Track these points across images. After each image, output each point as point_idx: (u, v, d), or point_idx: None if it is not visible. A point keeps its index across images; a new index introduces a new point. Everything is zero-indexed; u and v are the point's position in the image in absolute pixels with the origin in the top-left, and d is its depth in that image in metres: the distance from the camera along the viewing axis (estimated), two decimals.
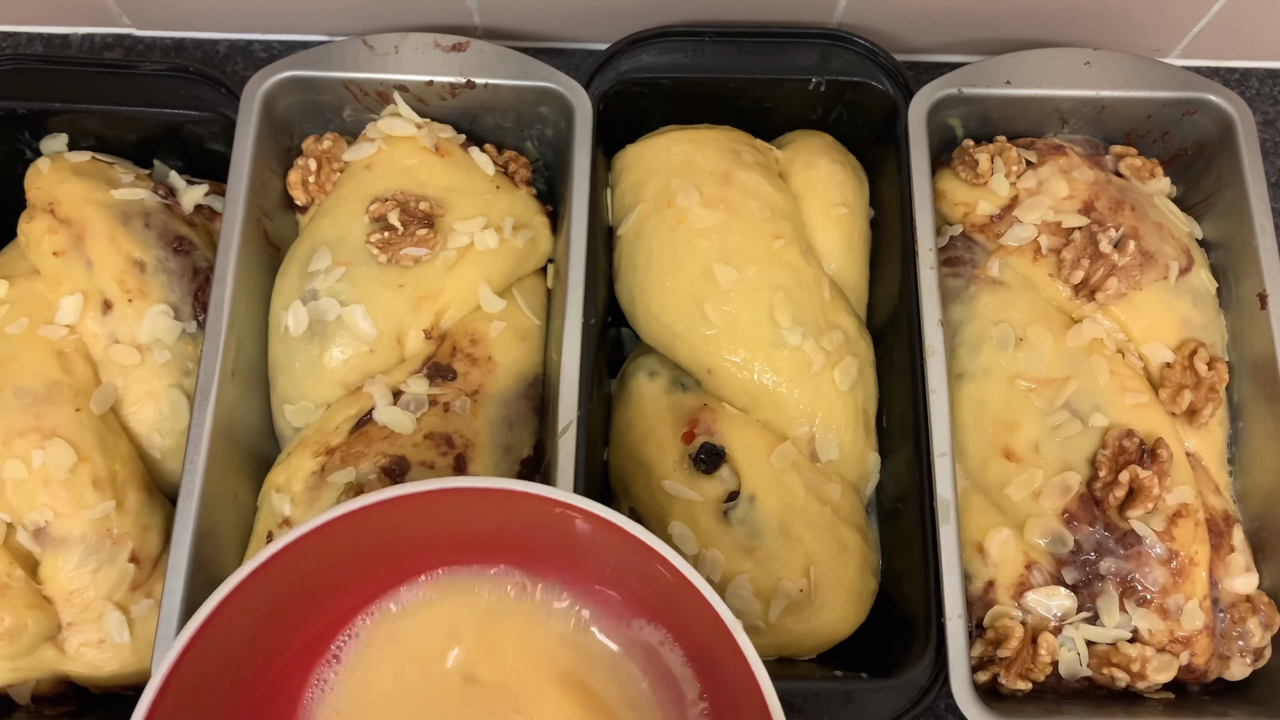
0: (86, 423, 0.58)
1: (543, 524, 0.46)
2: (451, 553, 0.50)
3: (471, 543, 0.49)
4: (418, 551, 0.49)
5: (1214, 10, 0.68)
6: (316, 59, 0.64)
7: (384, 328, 0.61)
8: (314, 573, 0.45)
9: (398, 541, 0.47)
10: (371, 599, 0.50)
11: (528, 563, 0.50)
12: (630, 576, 0.47)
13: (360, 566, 0.48)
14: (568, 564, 0.49)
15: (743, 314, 0.60)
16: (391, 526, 0.46)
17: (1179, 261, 0.63)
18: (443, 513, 0.46)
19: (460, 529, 0.48)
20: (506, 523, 0.47)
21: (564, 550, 0.48)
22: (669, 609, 0.47)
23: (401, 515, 0.45)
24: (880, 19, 0.69)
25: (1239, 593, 0.58)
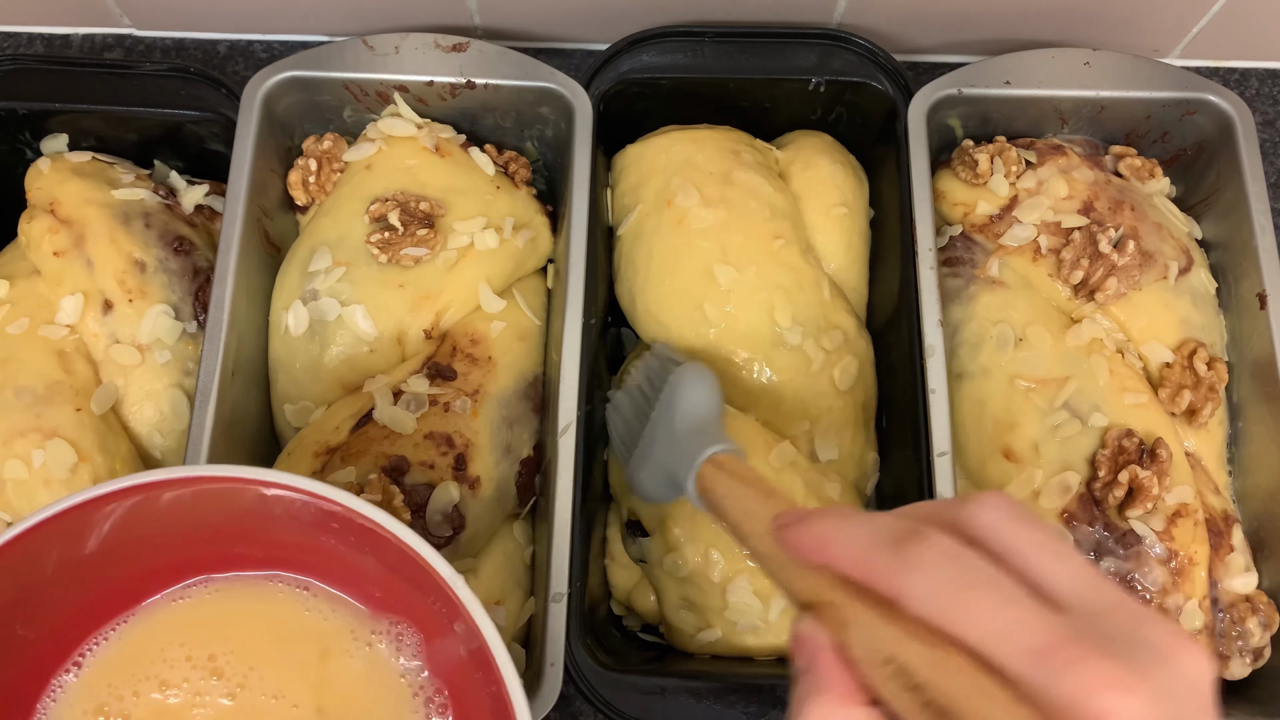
0: (87, 423, 0.58)
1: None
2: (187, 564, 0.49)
3: (213, 546, 0.48)
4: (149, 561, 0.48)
5: (1214, 10, 0.68)
6: (316, 59, 0.64)
7: (384, 328, 0.61)
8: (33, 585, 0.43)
9: (120, 552, 0.46)
10: (112, 612, 0.48)
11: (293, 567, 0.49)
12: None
13: (83, 583, 0.46)
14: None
15: (742, 314, 0.60)
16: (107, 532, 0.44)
17: (1178, 261, 0.63)
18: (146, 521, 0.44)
19: (179, 534, 0.46)
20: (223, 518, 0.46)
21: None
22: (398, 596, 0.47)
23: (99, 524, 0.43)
24: (880, 19, 0.69)
25: (1238, 593, 0.58)
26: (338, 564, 0.48)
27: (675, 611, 0.59)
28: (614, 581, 0.63)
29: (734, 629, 0.57)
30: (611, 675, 0.54)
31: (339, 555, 0.47)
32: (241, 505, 0.45)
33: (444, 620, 0.44)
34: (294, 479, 0.43)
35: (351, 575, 0.49)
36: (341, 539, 0.45)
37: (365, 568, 0.47)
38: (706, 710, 0.54)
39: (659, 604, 0.61)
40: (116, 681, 0.47)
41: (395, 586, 0.47)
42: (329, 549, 0.47)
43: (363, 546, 0.45)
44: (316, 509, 0.44)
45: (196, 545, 0.48)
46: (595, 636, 0.57)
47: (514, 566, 0.60)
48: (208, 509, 0.45)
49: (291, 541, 0.47)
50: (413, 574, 0.43)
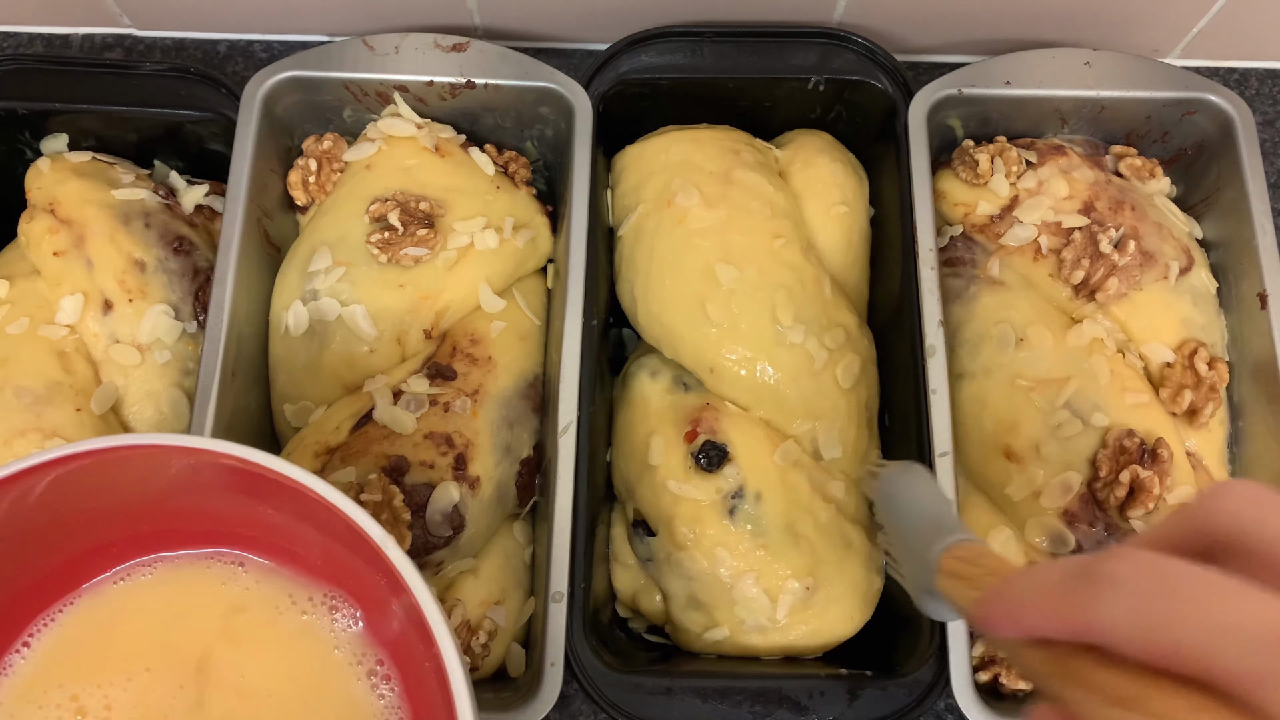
0: (87, 423, 0.58)
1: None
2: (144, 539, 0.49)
3: (162, 524, 0.48)
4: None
5: (1214, 10, 0.68)
6: (316, 59, 0.64)
7: (384, 328, 0.61)
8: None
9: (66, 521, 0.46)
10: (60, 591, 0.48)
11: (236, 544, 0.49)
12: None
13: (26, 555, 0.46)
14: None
15: (744, 313, 0.60)
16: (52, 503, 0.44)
17: (1179, 261, 0.63)
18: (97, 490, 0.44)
19: (132, 508, 0.46)
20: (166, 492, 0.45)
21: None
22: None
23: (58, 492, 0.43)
24: (880, 19, 0.69)
25: None
26: (277, 536, 0.48)
27: (682, 611, 0.59)
28: (618, 583, 0.63)
29: (741, 628, 0.57)
30: (617, 676, 0.54)
31: (278, 527, 0.46)
32: (172, 476, 0.44)
33: (383, 589, 0.44)
34: (217, 444, 0.42)
35: (291, 547, 0.48)
36: (278, 508, 0.45)
37: (305, 538, 0.46)
38: (713, 710, 0.54)
39: (665, 603, 0.61)
40: (63, 671, 0.47)
41: (336, 557, 0.46)
42: (267, 521, 0.46)
43: (300, 515, 0.44)
44: (249, 476, 0.43)
45: (136, 520, 0.48)
46: (600, 638, 0.57)
47: (514, 566, 0.60)
48: (138, 481, 0.45)
49: (230, 514, 0.47)
50: (351, 542, 0.43)
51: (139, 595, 0.49)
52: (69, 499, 0.44)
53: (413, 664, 0.45)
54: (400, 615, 0.43)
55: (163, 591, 0.49)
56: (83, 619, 0.48)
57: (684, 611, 0.59)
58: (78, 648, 0.47)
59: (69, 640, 0.48)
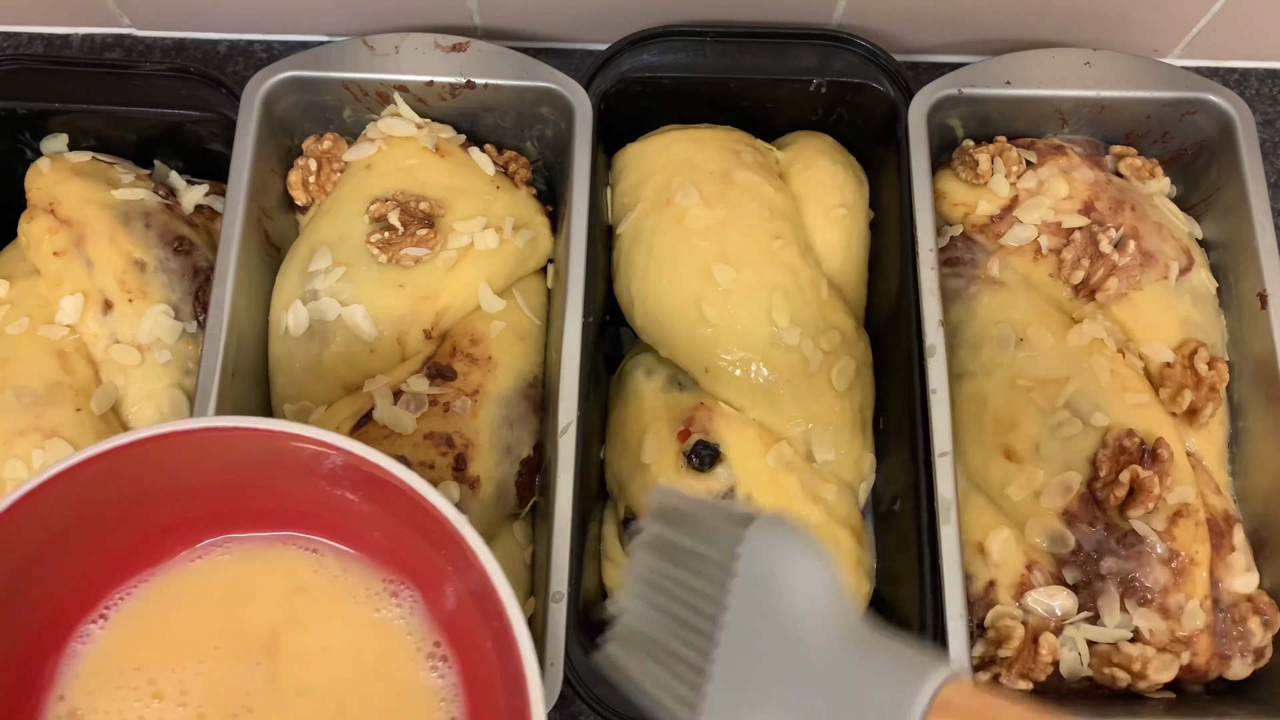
0: (87, 422, 0.58)
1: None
2: (226, 520, 0.50)
3: (236, 505, 0.49)
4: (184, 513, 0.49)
5: (1214, 10, 0.68)
6: (316, 59, 0.64)
7: (384, 328, 0.61)
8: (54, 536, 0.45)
9: (152, 501, 0.47)
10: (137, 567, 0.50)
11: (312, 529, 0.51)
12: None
13: (109, 529, 0.47)
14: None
15: (740, 313, 0.60)
16: (138, 479, 0.45)
17: (1179, 261, 0.63)
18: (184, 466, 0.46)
19: (210, 488, 0.48)
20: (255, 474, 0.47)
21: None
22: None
23: (143, 466, 0.44)
24: (880, 19, 0.70)
25: (1240, 592, 0.58)
26: (345, 517, 0.49)
27: None
28: (609, 581, 0.63)
29: None
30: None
31: (346, 507, 0.48)
32: (253, 458, 0.46)
33: (446, 568, 0.45)
34: (306, 429, 0.43)
35: (358, 528, 0.49)
36: (350, 490, 0.46)
37: (372, 519, 0.48)
38: None
39: None
40: (139, 648, 0.48)
41: (400, 537, 0.47)
42: (336, 502, 0.47)
43: (369, 496, 0.46)
44: (328, 460, 0.44)
45: (212, 500, 0.49)
46: (590, 635, 0.57)
47: (514, 566, 0.60)
48: (220, 461, 0.46)
49: (301, 496, 0.48)
50: (417, 521, 0.44)
51: (212, 573, 0.51)
52: (154, 476, 0.46)
53: (472, 644, 0.46)
54: (462, 594, 0.45)
55: (236, 570, 0.51)
56: (158, 594, 0.50)
57: None
58: (153, 623, 0.49)
59: (145, 615, 0.49)
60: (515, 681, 0.40)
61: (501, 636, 0.41)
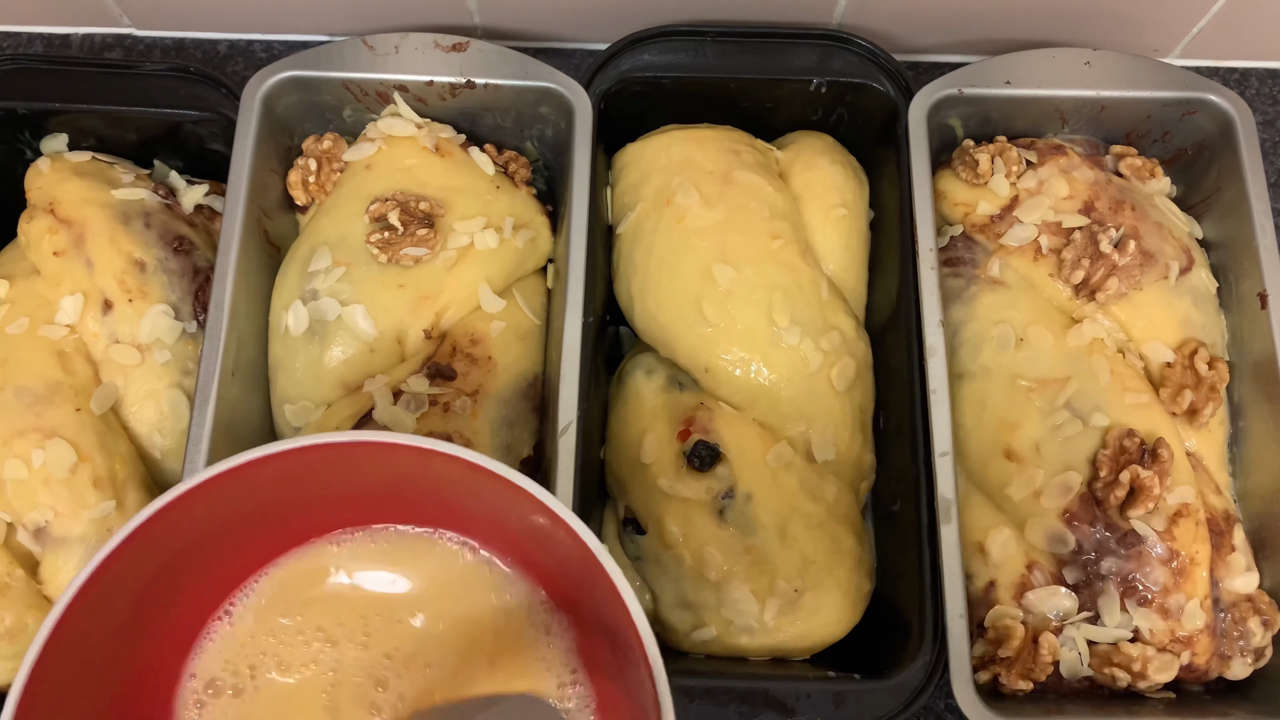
0: (87, 422, 0.58)
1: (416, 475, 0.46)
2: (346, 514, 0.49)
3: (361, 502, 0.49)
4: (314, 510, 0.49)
5: (1214, 10, 0.68)
6: (316, 59, 0.64)
7: (384, 328, 0.61)
8: (200, 536, 0.44)
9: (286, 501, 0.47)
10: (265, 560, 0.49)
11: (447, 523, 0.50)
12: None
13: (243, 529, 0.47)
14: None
15: (740, 313, 0.60)
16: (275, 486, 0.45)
17: (1179, 261, 0.63)
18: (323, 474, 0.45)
19: (333, 490, 0.47)
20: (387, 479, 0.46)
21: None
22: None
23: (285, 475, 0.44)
24: (880, 19, 0.70)
25: (1240, 592, 0.58)
26: (505, 534, 0.49)
27: (670, 610, 0.59)
28: None
29: (729, 628, 0.57)
30: None
31: (497, 523, 0.48)
32: (419, 471, 0.46)
33: (589, 600, 0.44)
34: (465, 453, 0.43)
35: (517, 547, 0.49)
36: (524, 517, 0.45)
37: (528, 538, 0.47)
38: (700, 710, 0.54)
39: (654, 602, 0.61)
40: (271, 615, 0.48)
41: (552, 567, 0.47)
42: (501, 521, 0.47)
43: (537, 530, 0.45)
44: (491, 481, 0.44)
45: (363, 502, 0.49)
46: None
47: None
48: (375, 471, 0.46)
49: (466, 508, 0.48)
50: (553, 545, 0.43)
51: (356, 550, 0.50)
52: (317, 476, 0.45)
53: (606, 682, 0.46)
54: (601, 624, 0.44)
55: (382, 550, 0.50)
56: (295, 569, 0.49)
57: (672, 611, 0.59)
58: (292, 590, 0.49)
59: (284, 587, 0.49)
60: None
61: (635, 677, 0.40)
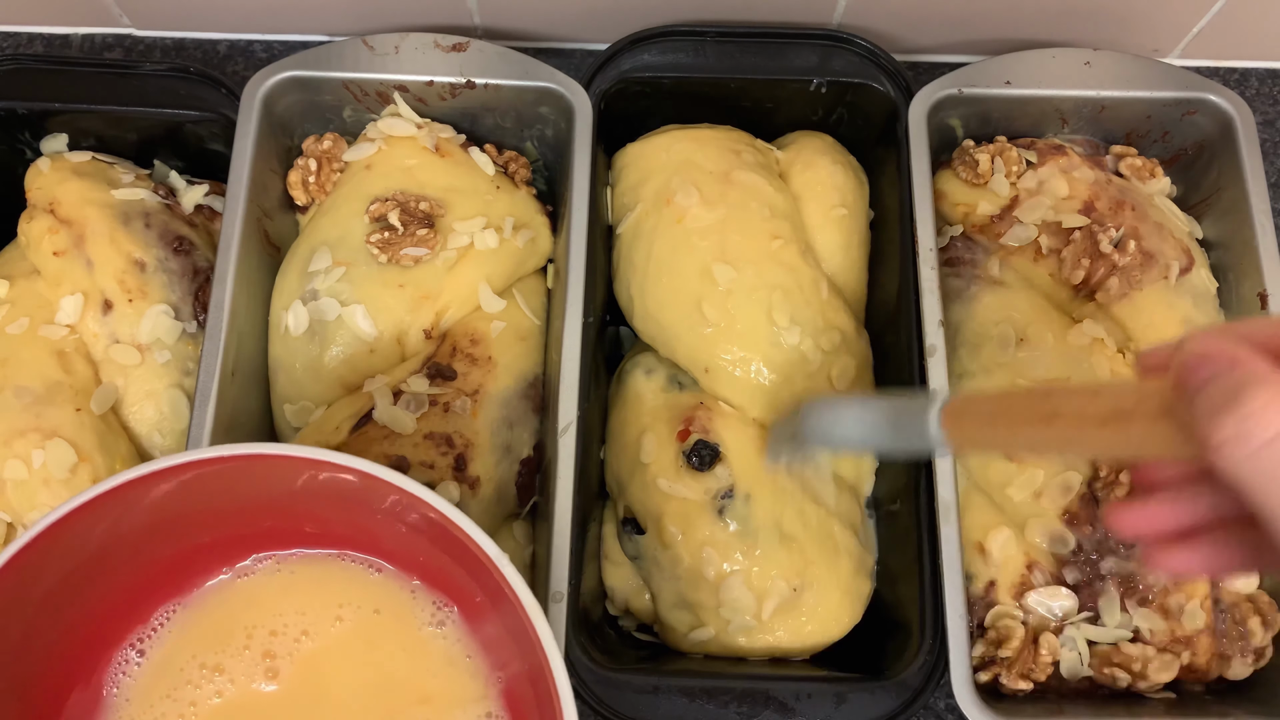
0: (87, 423, 0.58)
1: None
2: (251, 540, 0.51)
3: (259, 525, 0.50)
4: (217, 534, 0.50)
5: (1214, 10, 0.68)
6: (316, 59, 0.64)
7: (384, 328, 0.61)
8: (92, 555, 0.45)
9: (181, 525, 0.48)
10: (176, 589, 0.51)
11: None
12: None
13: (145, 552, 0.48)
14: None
15: (740, 313, 0.60)
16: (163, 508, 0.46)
17: (1179, 261, 0.63)
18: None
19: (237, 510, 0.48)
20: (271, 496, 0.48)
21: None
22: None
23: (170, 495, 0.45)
24: (880, 19, 0.69)
25: (1240, 592, 0.58)
26: (393, 544, 0.50)
27: (669, 610, 0.59)
28: (609, 581, 0.63)
29: (727, 628, 0.57)
30: (605, 674, 0.54)
31: (393, 534, 0.48)
32: (292, 484, 0.46)
33: (486, 599, 0.45)
34: (346, 459, 0.44)
35: (405, 555, 0.50)
36: (398, 519, 0.46)
37: (415, 547, 0.48)
38: (699, 710, 0.54)
39: (653, 602, 0.61)
40: (184, 660, 0.49)
41: (444, 566, 0.48)
42: (382, 529, 0.48)
43: (414, 527, 0.46)
44: (367, 490, 0.45)
45: (252, 522, 0.49)
46: (589, 635, 0.57)
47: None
48: (255, 487, 0.47)
49: (347, 520, 0.49)
50: (457, 553, 0.44)
51: (260, 587, 0.51)
52: (198, 497, 0.46)
53: (514, 669, 0.47)
54: (502, 624, 0.45)
55: (284, 583, 0.52)
56: (202, 611, 0.51)
57: (671, 610, 0.59)
58: (206, 627, 0.50)
59: (189, 631, 0.50)
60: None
61: (539, 672, 0.41)
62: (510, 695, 0.48)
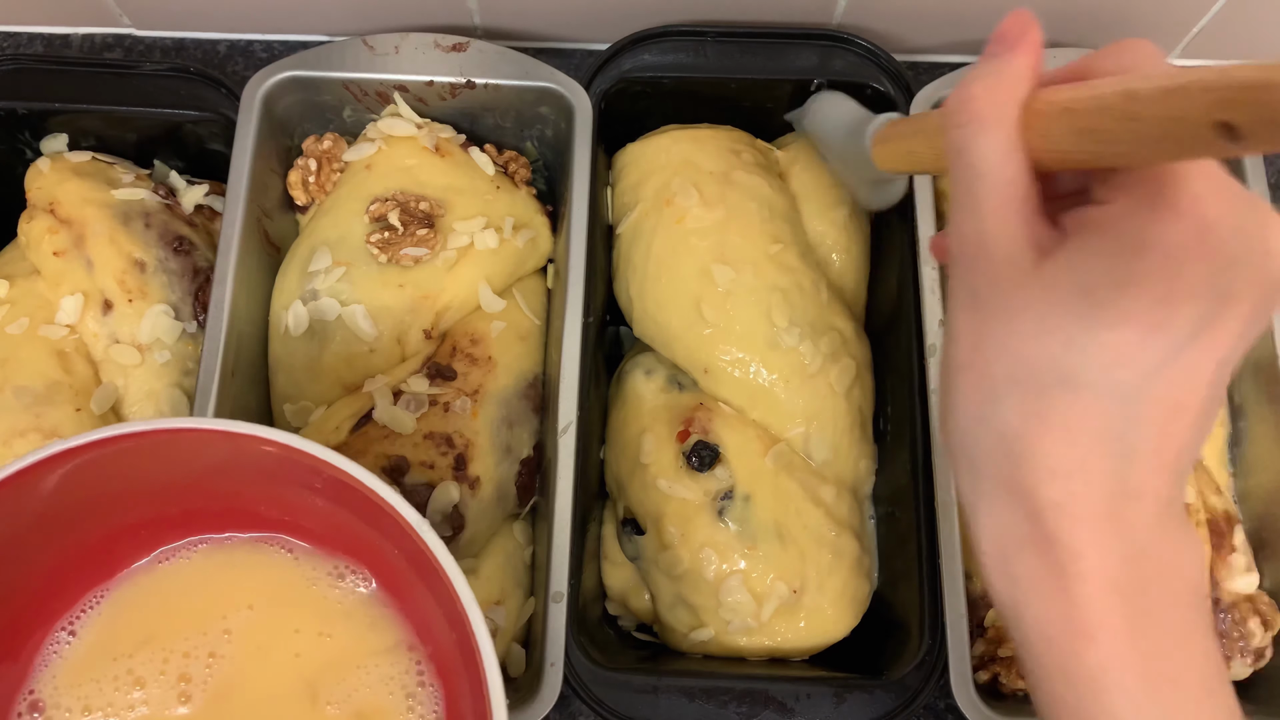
0: (87, 423, 0.58)
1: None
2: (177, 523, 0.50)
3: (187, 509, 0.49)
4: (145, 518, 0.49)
5: (1214, 10, 0.68)
6: (316, 59, 0.64)
7: (384, 328, 0.61)
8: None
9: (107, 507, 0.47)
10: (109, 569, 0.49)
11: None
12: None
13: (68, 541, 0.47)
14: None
15: (740, 314, 0.60)
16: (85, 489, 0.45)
17: None
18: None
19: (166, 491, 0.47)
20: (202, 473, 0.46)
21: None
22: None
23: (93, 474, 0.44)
24: (880, 19, 0.69)
25: (1240, 593, 0.58)
26: (314, 521, 0.49)
27: (669, 610, 0.59)
28: (609, 581, 0.63)
29: (726, 628, 0.57)
30: (604, 674, 0.54)
31: (321, 512, 0.47)
32: (212, 461, 0.45)
33: (412, 571, 0.44)
34: (258, 429, 0.42)
35: (335, 536, 0.49)
36: (322, 496, 0.46)
37: (345, 524, 0.47)
38: (699, 710, 0.54)
39: (653, 602, 0.61)
40: (110, 653, 0.48)
41: (374, 544, 0.47)
42: (305, 505, 0.47)
43: (340, 501, 0.45)
44: (288, 462, 0.44)
45: (178, 501, 0.48)
46: (589, 635, 0.57)
47: (514, 566, 0.60)
48: (174, 464, 0.46)
49: (275, 498, 0.48)
50: (382, 525, 0.43)
51: (181, 576, 0.50)
52: (103, 481, 0.45)
53: (449, 658, 0.46)
54: (431, 600, 0.44)
55: (207, 572, 0.50)
56: (128, 599, 0.50)
57: (671, 610, 0.59)
58: (125, 623, 0.49)
59: (115, 618, 0.49)
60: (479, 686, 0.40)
61: (467, 644, 0.40)
62: (440, 666, 0.48)
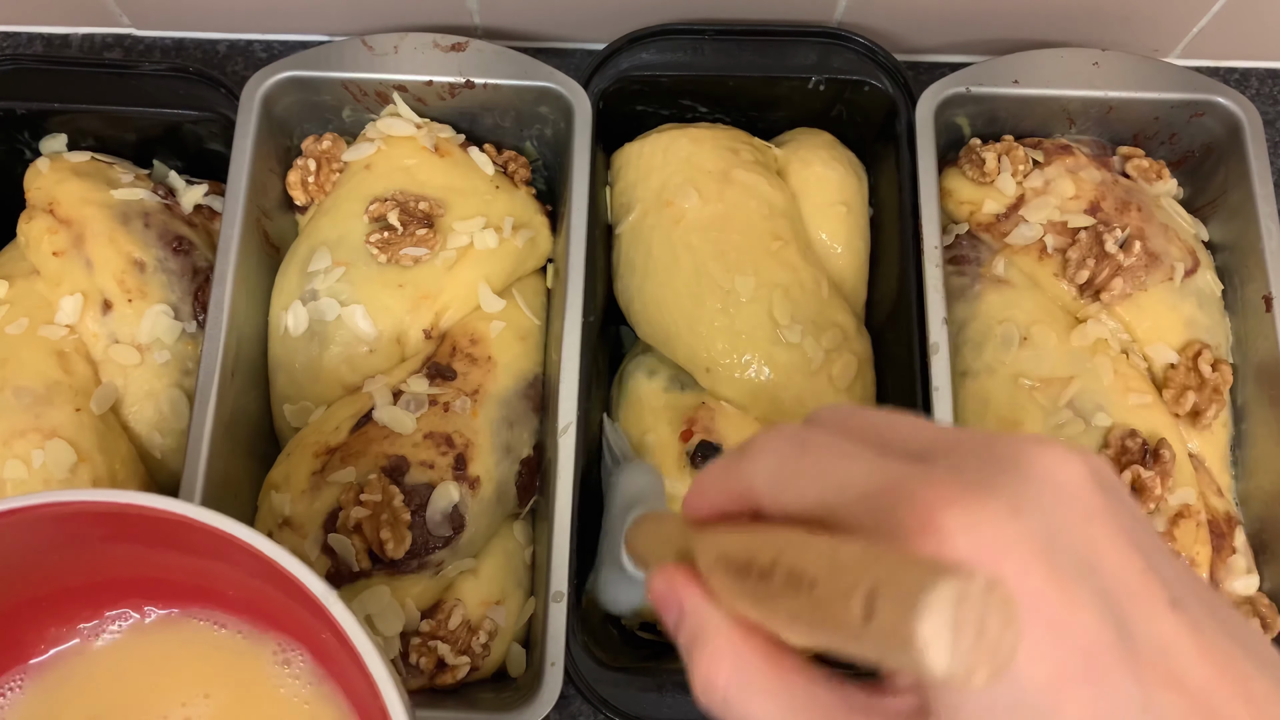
0: (87, 423, 0.58)
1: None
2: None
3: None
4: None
5: (1214, 10, 0.68)
6: (316, 59, 0.64)
7: (384, 328, 0.60)
8: None
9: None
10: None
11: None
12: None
13: None
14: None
15: (741, 312, 0.60)
16: None
17: (1184, 263, 0.62)
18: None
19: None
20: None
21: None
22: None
23: None
24: (880, 18, 0.69)
25: (1240, 594, 0.58)
26: (241, 590, 0.45)
27: None
28: None
29: None
30: (607, 673, 0.54)
31: (235, 580, 0.44)
32: (113, 533, 0.42)
33: (316, 627, 0.41)
34: (149, 499, 0.39)
35: (256, 605, 0.46)
36: (228, 562, 0.42)
37: (259, 593, 0.44)
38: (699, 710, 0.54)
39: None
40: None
41: (270, 596, 0.44)
42: (221, 573, 0.44)
43: (251, 571, 0.42)
44: (192, 529, 0.41)
45: (95, 572, 0.44)
46: (591, 634, 0.57)
47: (514, 566, 0.60)
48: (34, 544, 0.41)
49: (191, 569, 0.44)
50: (281, 584, 0.40)
51: (116, 657, 0.46)
52: (17, 548, 0.41)
53: (353, 688, 0.44)
54: (333, 642, 0.41)
55: (145, 652, 0.46)
56: (47, 690, 0.45)
57: None
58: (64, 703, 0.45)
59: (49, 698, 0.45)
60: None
61: (370, 684, 0.38)
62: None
